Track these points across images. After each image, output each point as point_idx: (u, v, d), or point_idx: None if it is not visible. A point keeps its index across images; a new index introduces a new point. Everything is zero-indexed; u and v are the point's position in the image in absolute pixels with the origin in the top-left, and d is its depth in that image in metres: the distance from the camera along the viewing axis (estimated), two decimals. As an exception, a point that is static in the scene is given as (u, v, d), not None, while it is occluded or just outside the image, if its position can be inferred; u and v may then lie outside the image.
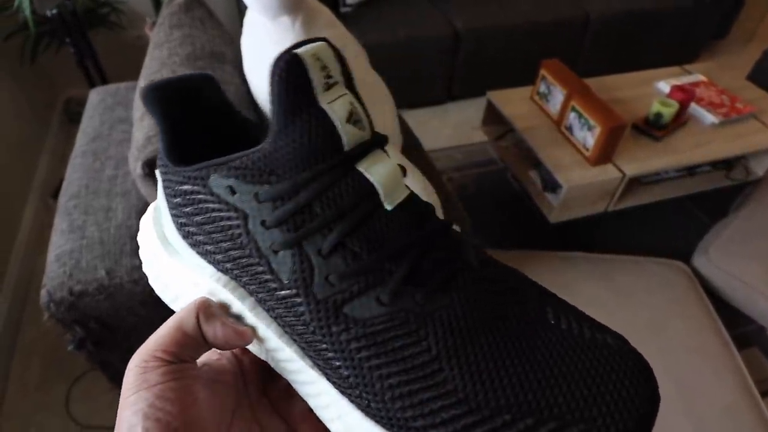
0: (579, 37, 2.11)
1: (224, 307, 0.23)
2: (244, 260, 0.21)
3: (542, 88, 1.39)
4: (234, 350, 0.25)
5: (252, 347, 0.23)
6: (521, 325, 0.20)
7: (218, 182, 0.20)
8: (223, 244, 0.21)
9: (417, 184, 0.83)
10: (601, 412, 0.18)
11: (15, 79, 1.58)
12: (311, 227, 0.19)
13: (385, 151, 0.21)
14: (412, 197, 0.21)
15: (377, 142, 0.21)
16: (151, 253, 0.25)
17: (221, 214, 0.21)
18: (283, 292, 0.20)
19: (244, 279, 0.22)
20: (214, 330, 0.21)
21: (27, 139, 1.61)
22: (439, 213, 0.86)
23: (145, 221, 0.25)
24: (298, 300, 0.20)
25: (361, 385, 0.19)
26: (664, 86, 1.49)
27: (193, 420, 0.20)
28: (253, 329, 0.22)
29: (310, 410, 0.23)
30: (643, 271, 1.26)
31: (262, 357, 0.23)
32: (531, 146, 1.30)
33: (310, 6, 0.81)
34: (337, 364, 0.20)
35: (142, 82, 0.81)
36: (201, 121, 0.24)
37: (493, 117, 1.50)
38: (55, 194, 1.59)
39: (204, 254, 0.23)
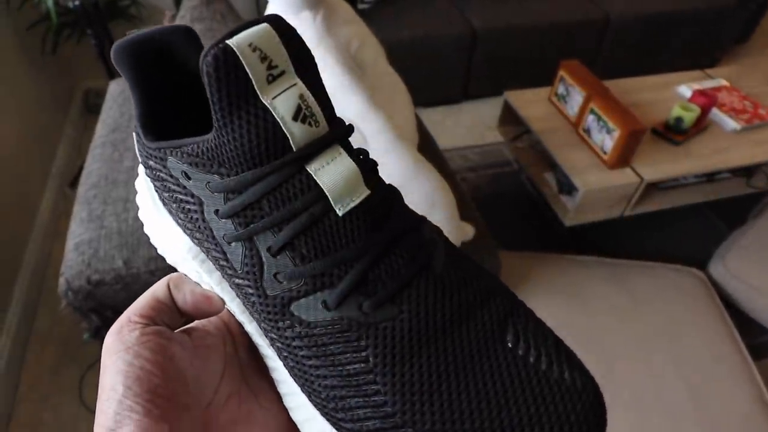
0: (599, 38, 2.09)
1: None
2: (204, 243, 0.21)
3: (560, 89, 1.37)
4: (223, 316, 0.25)
5: (231, 310, 0.24)
6: (472, 344, 0.19)
7: (174, 165, 0.20)
8: (188, 224, 0.21)
9: (430, 182, 0.82)
10: None
11: (36, 69, 1.60)
12: (260, 225, 0.19)
13: (346, 147, 0.19)
14: (373, 197, 0.19)
15: (335, 138, 0.19)
16: (147, 215, 0.24)
17: (181, 196, 0.20)
18: (238, 280, 0.20)
19: (209, 256, 0.22)
20: (183, 296, 0.22)
21: (46, 128, 1.63)
22: (454, 213, 0.85)
23: (140, 183, 0.25)
24: (251, 291, 0.20)
25: (301, 378, 0.20)
26: (686, 90, 1.47)
27: (173, 377, 0.20)
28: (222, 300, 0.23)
29: None
30: (657, 277, 1.25)
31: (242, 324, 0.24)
32: (548, 148, 1.28)
33: (330, 2, 0.81)
34: (284, 354, 0.20)
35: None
36: (178, 80, 0.22)
37: (509, 117, 1.49)
38: (73, 183, 1.61)
39: (178, 224, 0.23)
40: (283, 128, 0.18)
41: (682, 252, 1.42)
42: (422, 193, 0.80)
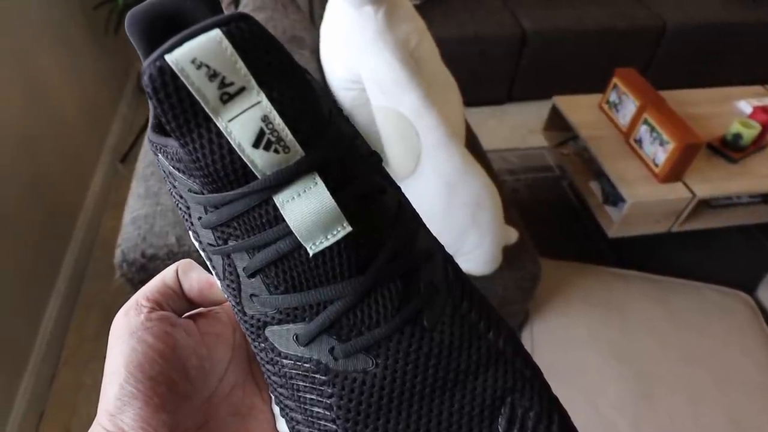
0: (653, 46, 2.02)
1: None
2: (197, 243, 0.20)
3: (613, 96, 1.34)
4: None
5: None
6: (453, 419, 0.17)
7: (163, 163, 0.18)
8: (186, 222, 0.19)
9: (479, 182, 0.82)
10: None
11: (98, 47, 1.67)
12: (236, 245, 0.17)
13: (328, 174, 0.16)
14: (357, 234, 0.16)
15: (311, 165, 0.16)
16: None
17: (172, 192, 0.19)
18: (222, 287, 0.19)
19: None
20: (189, 281, 0.22)
21: (103, 105, 1.69)
22: (500, 215, 0.85)
23: None
24: (233, 302, 0.19)
25: (275, 400, 0.19)
26: (746, 106, 1.41)
27: (175, 366, 0.20)
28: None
29: None
30: (702, 298, 1.21)
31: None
32: (595, 156, 1.26)
33: (392, -3, 0.81)
34: (262, 370, 0.20)
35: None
36: None
37: (556, 122, 1.46)
38: (123, 159, 1.68)
39: None
40: (242, 156, 0.15)
41: (728, 274, 1.37)
42: (470, 193, 0.80)
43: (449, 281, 0.18)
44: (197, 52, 0.14)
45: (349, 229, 0.16)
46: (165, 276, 0.22)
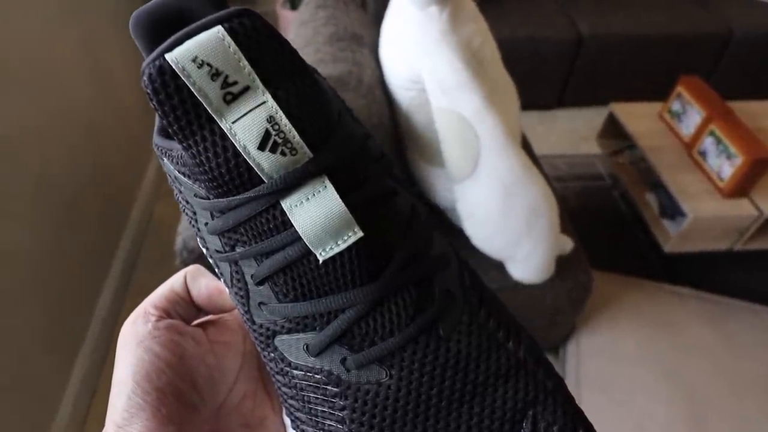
0: (717, 54, 1.93)
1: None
2: (204, 250, 0.19)
3: (676, 106, 1.28)
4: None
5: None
6: (473, 431, 0.15)
7: (168, 168, 0.18)
8: (193, 228, 0.19)
9: (536, 188, 0.80)
10: None
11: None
12: (243, 252, 0.16)
13: (337, 177, 0.15)
14: (369, 239, 0.16)
15: (319, 167, 0.15)
16: None
17: (180, 198, 0.18)
18: (231, 295, 0.18)
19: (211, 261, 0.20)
20: (198, 288, 0.21)
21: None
22: (556, 223, 0.82)
23: None
24: (242, 310, 0.18)
25: (287, 410, 0.18)
26: (821, 120, 1.32)
27: (183, 376, 0.19)
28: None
29: None
30: (761, 322, 1.14)
31: None
32: (654, 167, 1.21)
33: (458, -2, 0.80)
34: (273, 380, 0.19)
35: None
36: None
37: (612, 130, 1.41)
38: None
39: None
40: (247, 159, 0.14)
41: (793, 298, 1.29)
42: (527, 199, 0.78)
43: (465, 288, 0.17)
44: (198, 50, 0.13)
45: (360, 234, 0.15)
46: (173, 283, 0.21)
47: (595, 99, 1.99)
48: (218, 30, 0.14)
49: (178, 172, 0.17)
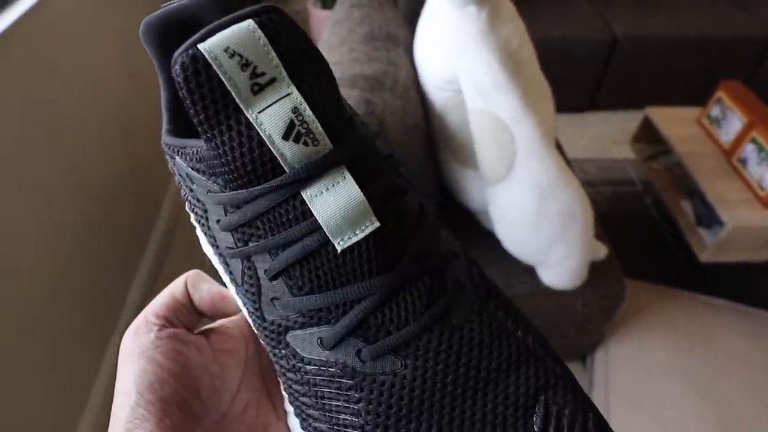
0: (758, 59, 1.86)
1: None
2: (214, 248, 0.19)
3: (715, 111, 1.24)
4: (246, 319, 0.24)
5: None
6: (487, 419, 0.15)
7: (181, 166, 0.18)
8: (203, 227, 0.19)
9: (572, 193, 0.78)
10: None
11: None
12: (258, 246, 0.16)
13: (355, 169, 0.16)
14: (385, 230, 0.16)
15: (339, 159, 0.15)
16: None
17: (191, 197, 0.19)
18: (241, 294, 0.19)
19: (220, 262, 0.20)
20: (200, 294, 0.21)
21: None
22: (590, 229, 0.81)
23: None
24: (251, 308, 0.18)
25: (298, 409, 0.18)
26: None
27: (186, 386, 0.19)
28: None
29: None
30: (801, 338, 1.10)
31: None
32: (691, 174, 1.17)
33: (496, -2, 0.79)
34: (282, 379, 0.19)
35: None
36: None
37: (647, 135, 1.38)
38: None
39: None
40: (271, 149, 0.15)
41: (835, 313, 1.23)
42: (562, 203, 0.77)
43: (475, 281, 0.18)
44: (230, 41, 0.14)
45: (377, 224, 0.16)
46: (174, 290, 0.21)
47: (628, 102, 1.94)
48: (249, 23, 0.14)
49: (192, 169, 0.17)
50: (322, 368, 0.17)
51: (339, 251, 0.16)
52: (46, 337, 0.87)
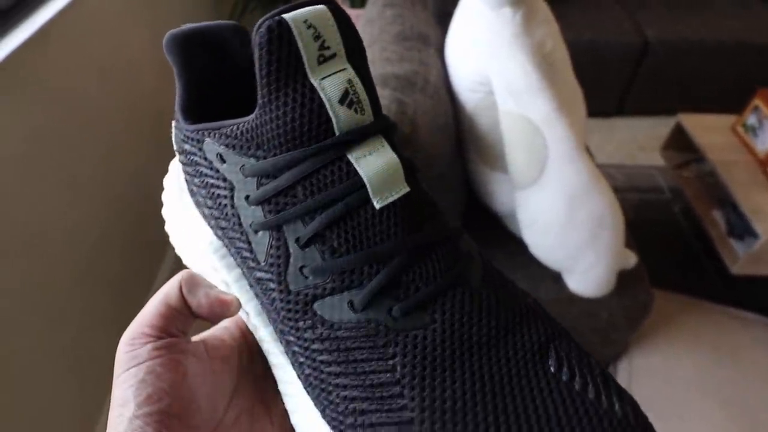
0: (796, 65, 1.80)
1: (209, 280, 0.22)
2: (229, 232, 0.20)
3: (751, 119, 1.21)
4: (240, 325, 0.24)
5: (243, 317, 0.22)
6: (511, 364, 0.17)
7: (211, 147, 0.19)
8: (215, 211, 0.20)
9: (603, 199, 0.77)
10: None
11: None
12: (292, 212, 0.18)
13: (389, 140, 0.18)
14: (413, 196, 0.18)
15: (378, 129, 0.18)
16: (170, 210, 0.24)
17: (212, 181, 0.20)
18: (259, 273, 0.19)
19: (231, 250, 0.20)
20: (198, 300, 0.20)
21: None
22: (621, 237, 0.79)
23: (168, 178, 0.24)
24: (272, 285, 0.19)
25: (318, 388, 0.18)
26: None
27: (185, 395, 0.19)
28: (239, 300, 0.21)
29: None
30: (836, 356, 1.06)
31: (252, 330, 0.22)
32: (725, 183, 1.14)
33: (532, 0, 0.78)
34: (301, 360, 0.19)
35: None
36: (224, 73, 0.22)
37: (678, 142, 1.35)
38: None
39: (203, 216, 0.22)
40: (329, 110, 0.17)
41: None
42: (593, 210, 0.75)
43: (477, 252, 0.20)
44: (309, 16, 0.17)
45: (407, 189, 0.18)
46: (168, 298, 0.20)
47: (658, 108, 1.90)
48: (323, 7, 0.17)
49: (226, 146, 0.19)
50: (354, 330, 0.17)
51: (377, 209, 0.17)
52: (70, 325, 0.89)
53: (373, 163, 0.18)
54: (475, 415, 0.16)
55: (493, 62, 0.76)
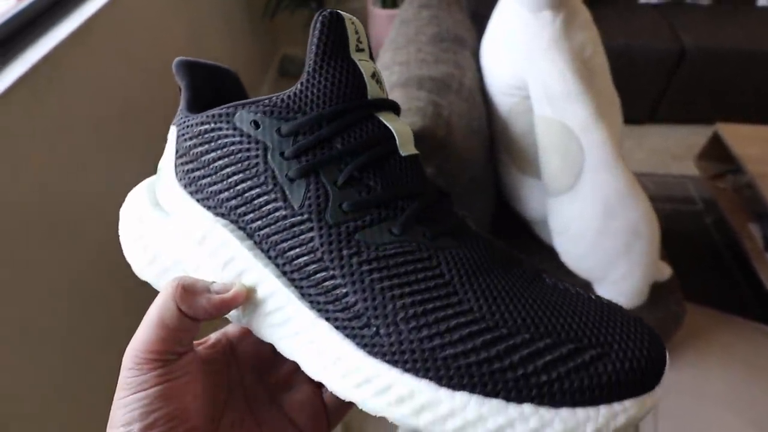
0: (842, 76, 1.73)
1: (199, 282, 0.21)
2: (254, 191, 0.21)
3: (794, 131, 1.17)
4: (229, 337, 0.24)
5: (231, 315, 0.22)
6: (522, 278, 0.20)
7: (244, 117, 0.21)
8: (234, 177, 0.21)
9: (640, 209, 0.75)
10: (615, 340, 0.18)
11: (253, 29, 1.80)
12: (329, 157, 0.20)
13: (397, 115, 0.23)
14: (419, 159, 0.23)
15: (392, 106, 0.23)
16: (136, 221, 0.24)
17: (241, 146, 0.21)
18: (293, 219, 0.20)
19: (249, 216, 0.21)
20: (199, 309, 0.20)
21: (248, 85, 1.83)
22: (655, 248, 0.77)
23: (135, 193, 0.26)
24: (309, 225, 0.20)
25: (370, 309, 0.19)
26: None
27: (189, 416, 0.19)
28: (243, 287, 0.21)
29: (309, 399, 0.24)
30: None
31: (242, 323, 0.22)
32: (764, 196, 1.10)
33: (573, 4, 0.77)
34: (344, 291, 0.19)
35: (388, 55, 0.85)
36: (218, 97, 0.26)
37: (715, 152, 1.31)
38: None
39: (205, 199, 0.22)
40: (366, 80, 0.22)
41: None
42: (628, 219, 0.74)
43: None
44: (354, 20, 0.22)
45: (416, 151, 0.23)
46: (164, 319, 0.20)
47: (692, 116, 1.85)
48: (356, 19, 0.23)
49: (263, 113, 0.21)
50: (399, 248, 0.20)
51: (403, 156, 0.22)
52: (87, 342, 0.91)
53: (396, 124, 0.22)
54: (519, 299, 0.19)
55: (530, 66, 0.75)
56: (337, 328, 0.20)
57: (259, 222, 0.21)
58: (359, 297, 0.19)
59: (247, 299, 0.21)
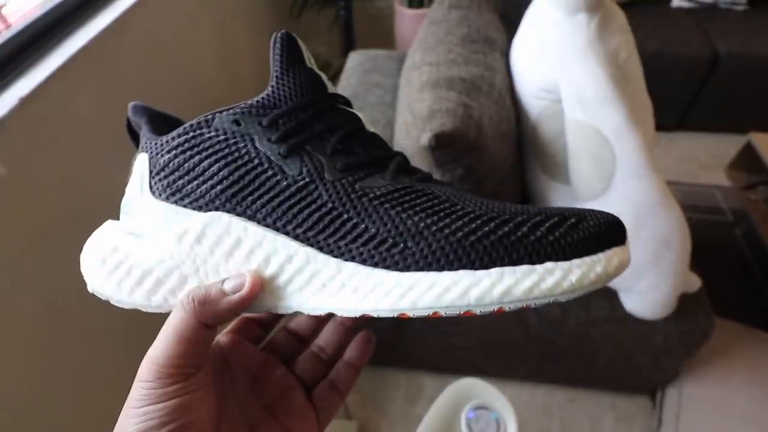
0: None
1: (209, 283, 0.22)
2: (251, 174, 0.23)
3: (833, 143, 1.13)
4: (222, 347, 0.25)
5: (255, 306, 0.22)
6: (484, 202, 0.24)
7: (224, 119, 0.24)
8: (227, 169, 0.23)
9: (671, 219, 0.73)
10: (581, 212, 0.22)
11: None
12: (312, 135, 0.23)
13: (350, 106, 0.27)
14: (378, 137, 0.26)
15: (347, 102, 0.26)
16: (109, 253, 0.24)
17: (227, 141, 0.23)
18: (297, 184, 0.22)
19: (249, 198, 0.23)
20: (226, 315, 0.21)
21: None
22: (685, 260, 0.75)
23: (96, 236, 0.25)
24: (313, 186, 0.22)
25: (392, 230, 0.21)
26: None
27: (200, 426, 0.20)
28: (256, 273, 0.22)
29: (300, 405, 0.25)
30: None
31: (262, 311, 0.23)
32: (799, 209, 1.07)
33: (608, 7, 0.75)
34: (363, 226, 0.22)
35: (417, 55, 0.85)
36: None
37: (747, 162, 1.27)
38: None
39: (195, 200, 0.23)
40: (324, 80, 0.25)
41: None
42: (659, 229, 0.72)
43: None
44: (302, 42, 0.26)
45: (374, 130, 0.26)
46: (182, 333, 0.20)
47: (722, 125, 1.80)
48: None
49: (242, 113, 0.24)
50: (398, 186, 0.23)
51: (371, 132, 0.26)
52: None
53: (356, 111, 0.26)
54: (495, 203, 0.23)
55: (563, 69, 0.74)
56: (364, 262, 0.22)
57: (261, 200, 0.22)
58: (379, 225, 0.22)
59: (263, 284, 0.22)
